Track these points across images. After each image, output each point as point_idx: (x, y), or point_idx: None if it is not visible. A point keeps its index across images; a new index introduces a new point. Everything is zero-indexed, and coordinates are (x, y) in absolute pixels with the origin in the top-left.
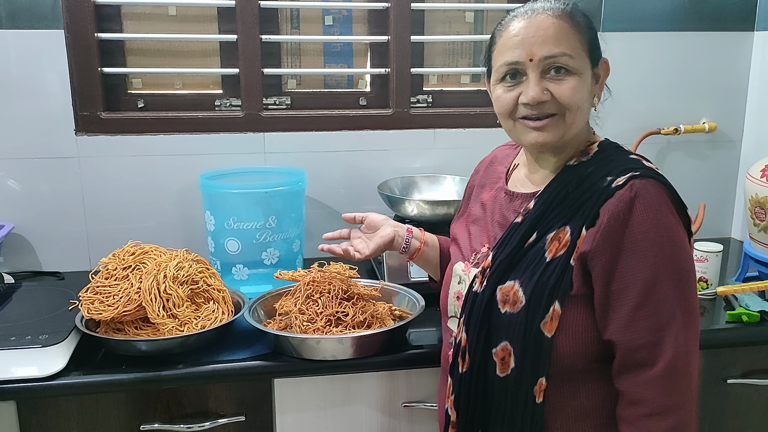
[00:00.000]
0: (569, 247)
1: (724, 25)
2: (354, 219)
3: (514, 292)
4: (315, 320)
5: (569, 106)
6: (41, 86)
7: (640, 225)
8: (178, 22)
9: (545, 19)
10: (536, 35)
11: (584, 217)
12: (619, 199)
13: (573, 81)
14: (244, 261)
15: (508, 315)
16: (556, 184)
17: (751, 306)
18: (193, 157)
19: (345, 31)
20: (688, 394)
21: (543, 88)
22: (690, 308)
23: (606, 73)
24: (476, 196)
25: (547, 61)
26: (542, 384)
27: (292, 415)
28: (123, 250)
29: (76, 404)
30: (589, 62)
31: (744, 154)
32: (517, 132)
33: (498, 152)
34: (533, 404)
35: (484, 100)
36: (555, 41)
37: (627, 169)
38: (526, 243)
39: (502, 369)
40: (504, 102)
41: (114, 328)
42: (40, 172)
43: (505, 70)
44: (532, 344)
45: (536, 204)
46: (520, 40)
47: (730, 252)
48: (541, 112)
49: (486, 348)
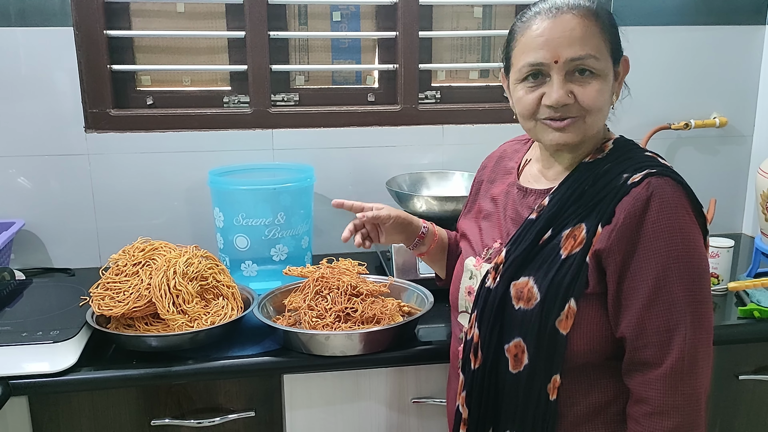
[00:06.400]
0: (585, 245)
1: (735, 18)
2: (342, 205)
3: (528, 288)
4: (324, 316)
5: (591, 108)
6: (51, 84)
7: (654, 224)
8: (187, 18)
9: (571, 19)
10: (562, 36)
11: (600, 214)
12: (636, 198)
13: (597, 84)
14: (253, 257)
15: (522, 311)
16: (571, 181)
17: (763, 302)
18: (201, 153)
19: (353, 27)
20: (692, 396)
21: (567, 90)
22: (701, 310)
23: (626, 71)
24: (485, 191)
25: (572, 63)
26: (556, 381)
27: (302, 410)
28: (133, 247)
29: (87, 399)
30: (611, 62)
31: (755, 148)
32: (537, 132)
33: (507, 147)
34: (546, 401)
35: (492, 96)
36: (581, 43)
37: (643, 167)
38: (540, 240)
39: (515, 365)
40: (526, 103)
41: (124, 324)
42: (50, 170)
43: (528, 70)
44: (546, 342)
45: (551, 201)
46: (545, 40)
47: (741, 247)
48: (563, 114)
49: (499, 344)
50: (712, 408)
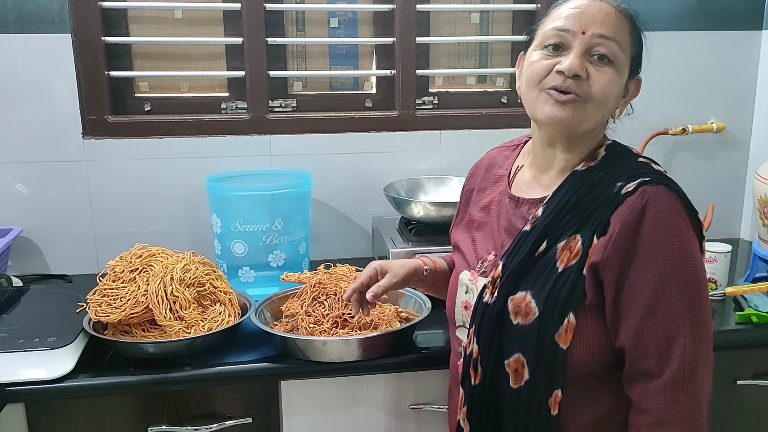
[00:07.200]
0: (581, 257)
1: (732, 24)
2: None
3: (526, 303)
4: (321, 322)
5: (596, 95)
6: (49, 90)
7: (650, 234)
8: (185, 25)
9: (609, 7)
10: (597, 14)
11: (595, 225)
12: (631, 207)
13: (611, 73)
14: (251, 263)
15: (520, 326)
16: (564, 190)
17: (761, 307)
18: (199, 159)
19: (350, 33)
20: (693, 405)
21: (583, 65)
22: (700, 319)
23: (636, 92)
24: (476, 200)
25: (597, 41)
26: (557, 396)
27: (299, 417)
28: (130, 253)
29: (84, 406)
30: (629, 67)
31: (753, 154)
32: (537, 103)
33: (495, 154)
34: (548, 416)
35: (490, 102)
36: (613, 27)
37: (637, 175)
38: (536, 252)
39: (515, 381)
40: (538, 68)
41: (121, 331)
42: (47, 176)
43: (551, 35)
44: (546, 356)
45: (545, 211)
46: (581, 12)
47: (739, 252)
48: (570, 87)
49: (498, 359)
50: (712, 414)
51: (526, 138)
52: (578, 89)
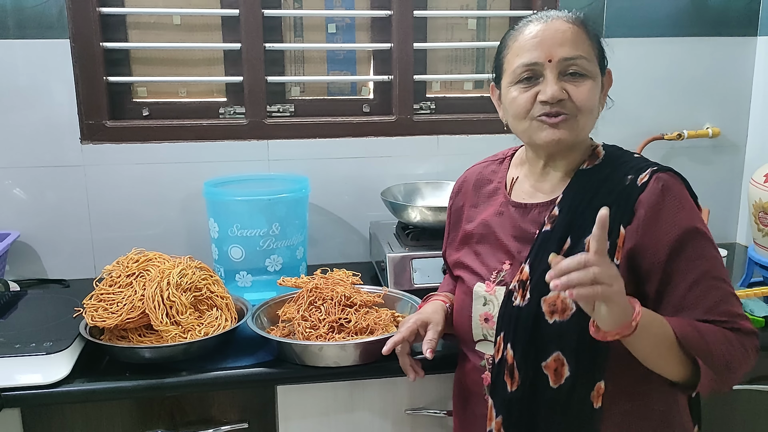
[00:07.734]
0: (610, 248)
1: (726, 30)
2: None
3: (561, 300)
4: (318, 327)
5: (583, 108)
6: (47, 95)
7: (674, 203)
8: (183, 31)
9: (562, 24)
10: (555, 37)
11: (619, 216)
12: (651, 192)
13: (589, 84)
14: (248, 268)
15: (557, 324)
16: (576, 188)
17: (756, 312)
18: (197, 164)
19: (348, 39)
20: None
21: (561, 87)
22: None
23: (609, 84)
24: (470, 216)
25: (565, 63)
26: (600, 388)
27: (296, 422)
28: (127, 258)
29: (80, 411)
30: (599, 68)
31: (748, 159)
32: (531, 131)
33: (480, 169)
34: (591, 410)
35: (487, 107)
36: (573, 44)
37: (645, 166)
38: (561, 250)
39: (555, 380)
40: (521, 102)
41: (118, 336)
42: (45, 181)
43: (522, 71)
44: (587, 349)
45: (562, 209)
46: (539, 41)
47: (735, 257)
48: (558, 110)
49: (536, 362)
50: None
51: (511, 151)
52: (565, 108)
